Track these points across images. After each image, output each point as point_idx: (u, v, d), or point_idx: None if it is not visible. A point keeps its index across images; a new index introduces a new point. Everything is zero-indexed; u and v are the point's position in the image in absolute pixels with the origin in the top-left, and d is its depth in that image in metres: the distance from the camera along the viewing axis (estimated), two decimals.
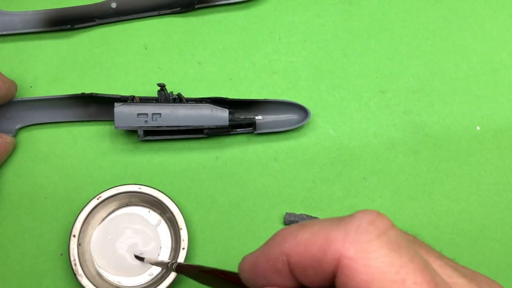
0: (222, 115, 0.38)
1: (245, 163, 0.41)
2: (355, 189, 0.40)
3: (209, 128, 0.39)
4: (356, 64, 0.43)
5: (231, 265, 0.38)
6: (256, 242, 0.39)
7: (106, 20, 0.43)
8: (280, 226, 0.39)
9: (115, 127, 0.38)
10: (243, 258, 0.24)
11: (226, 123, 0.39)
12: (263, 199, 0.40)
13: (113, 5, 0.43)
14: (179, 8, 0.44)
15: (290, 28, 0.44)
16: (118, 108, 0.38)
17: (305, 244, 0.20)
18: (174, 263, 0.32)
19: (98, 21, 0.43)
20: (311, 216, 0.39)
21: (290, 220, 0.39)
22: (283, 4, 0.45)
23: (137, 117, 0.38)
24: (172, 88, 0.42)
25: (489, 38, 0.45)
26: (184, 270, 0.31)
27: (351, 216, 0.20)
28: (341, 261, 0.19)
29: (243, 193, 0.40)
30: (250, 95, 0.42)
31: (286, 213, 0.39)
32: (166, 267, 0.33)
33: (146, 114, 0.38)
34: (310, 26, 0.44)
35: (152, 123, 0.38)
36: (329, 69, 0.43)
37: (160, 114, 0.38)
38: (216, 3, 0.44)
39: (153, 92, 0.42)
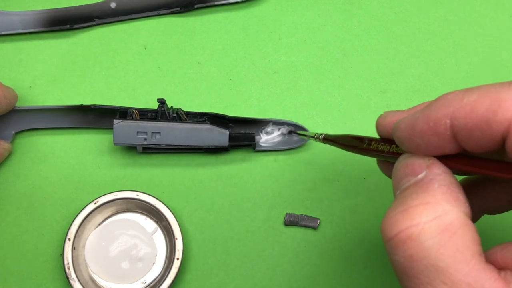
0: (222, 136, 0.38)
1: (245, 164, 0.40)
2: (355, 189, 0.40)
3: (209, 148, 0.39)
4: (356, 64, 0.43)
5: (231, 265, 0.38)
6: (256, 243, 0.38)
7: (105, 20, 0.43)
8: (280, 226, 0.39)
9: (114, 143, 0.38)
10: (400, 120, 0.23)
11: (226, 144, 0.38)
12: (263, 200, 0.40)
13: (113, 5, 0.43)
14: (179, 8, 0.44)
15: (290, 28, 0.44)
16: (118, 125, 0.38)
17: (472, 106, 0.20)
18: (321, 134, 0.33)
19: (97, 21, 0.43)
20: (311, 216, 0.39)
21: (290, 221, 0.39)
22: (283, 4, 0.45)
23: (137, 134, 0.38)
24: (172, 88, 0.42)
25: (490, 38, 0.44)
26: (331, 140, 0.32)
27: None
28: None
29: (243, 194, 0.40)
30: (250, 95, 0.42)
31: (286, 213, 0.39)
32: (316, 139, 0.34)
33: (146, 132, 0.38)
34: (310, 26, 0.44)
35: (151, 141, 0.38)
36: (329, 69, 0.43)
37: (159, 132, 0.38)
38: (216, 3, 0.44)
39: (153, 92, 0.42)
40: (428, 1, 0.45)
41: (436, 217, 0.20)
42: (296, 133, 0.40)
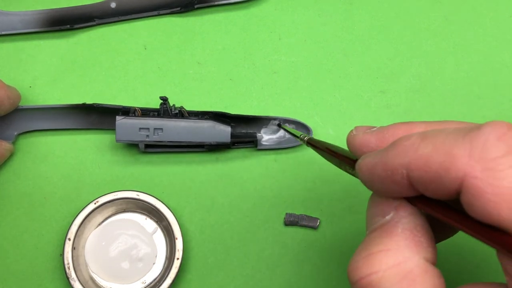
0: (224, 132, 0.38)
1: (245, 164, 0.40)
2: (355, 189, 0.40)
3: (211, 144, 0.39)
4: (356, 64, 0.43)
5: (231, 265, 0.38)
6: (256, 243, 0.38)
7: (105, 20, 0.43)
8: (280, 226, 0.39)
9: (116, 140, 0.38)
10: (362, 158, 0.23)
11: (228, 140, 0.38)
12: (263, 200, 0.40)
13: (113, 5, 0.43)
14: (179, 8, 0.44)
15: (290, 28, 0.44)
16: (120, 122, 0.38)
17: (426, 159, 0.19)
18: (306, 136, 0.33)
19: (97, 21, 0.43)
20: (311, 216, 0.39)
21: (290, 221, 0.39)
22: (283, 4, 0.45)
23: (139, 131, 0.38)
24: (172, 88, 0.42)
25: (490, 38, 0.44)
26: (313, 145, 0.32)
27: (478, 128, 0.18)
28: (465, 180, 0.18)
29: (243, 194, 0.40)
30: (250, 95, 0.42)
31: (286, 213, 0.39)
32: (299, 138, 0.34)
33: (148, 128, 0.38)
34: (310, 26, 0.44)
35: (153, 138, 0.38)
36: (329, 69, 0.43)
37: (162, 129, 0.38)
38: (216, 3, 0.44)
39: (153, 92, 0.42)
40: (428, 1, 0.45)
41: (395, 264, 0.20)
42: (283, 128, 0.40)
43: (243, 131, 0.41)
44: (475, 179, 0.18)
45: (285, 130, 0.39)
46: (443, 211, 0.21)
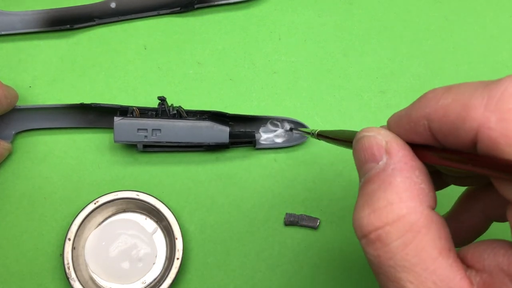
0: (222, 133, 0.38)
1: (244, 164, 0.40)
2: (355, 189, 0.40)
3: (209, 145, 0.39)
4: (356, 64, 0.43)
5: (231, 265, 0.38)
6: (256, 243, 0.38)
7: (105, 20, 0.43)
8: (280, 226, 0.39)
9: (114, 141, 0.38)
10: (390, 117, 0.23)
11: (227, 140, 0.38)
12: (263, 200, 0.40)
13: (113, 5, 0.43)
14: (179, 8, 0.44)
15: (290, 28, 0.44)
16: (118, 122, 0.38)
17: (445, 110, 0.19)
18: (315, 130, 0.33)
19: (97, 21, 0.43)
20: (311, 216, 0.39)
21: (290, 221, 0.39)
22: (283, 4, 0.45)
23: (137, 132, 0.38)
24: (172, 88, 0.42)
25: (490, 38, 0.44)
26: (324, 136, 0.31)
27: (498, 80, 0.18)
28: (480, 130, 0.18)
29: (243, 194, 0.40)
30: (250, 95, 0.42)
31: (286, 213, 0.39)
32: (311, 135, 0.34)
33: (146, 129, 0.38)
34: (310, 26, 0.44)
35: (152, 138, 0.38)
36: (329, 69, 0.43)
37: (160, 129, 0.38)
38: (216, 3, 0.44)
39: (153, 92, 0.42)
40: (428, 1, 0.45)
41: (400, 217, 0.20)
42: (297, 130, 0.40)
43: (241, 131, 0.41)
44: (490, 130, 0.17)
45: (300, 131, 0.39)
46: (452, 155, 0.20)
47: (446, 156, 0.20)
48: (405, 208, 0.20)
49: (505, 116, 0.17)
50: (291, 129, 0.40)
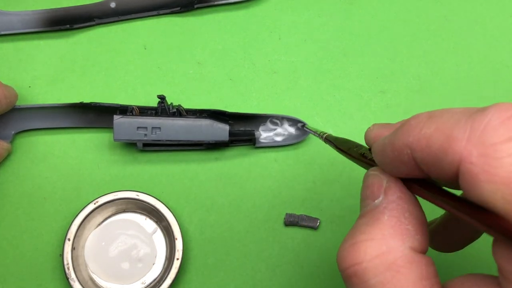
0: (222, 131, 0.38)
1: (244, 164, 0.40)
2: (355, 189, 0.40)
3: (209, 143, 0.39)
4: (356, 64, 0.43)
5: (231, 265, 0.38)
6: (256, 243, 0.38)
7: (105, 20, 0.43)
8: (280, 226, 0.39)
9: (114, 139, 0.38)
10: (375, 144, 0.23)
11: (227, 138, 0.38)
12: (263, 200, 0.40)
13: (112, 5, 0.43)
14: (179, 8, 0.44)
15: (290, 28, 0.44)
16: (118, 121, 0.38)
17: (427, 140, 0.18)
18: (324, 133, 0.33)
19: (97, 21, 0.43)
20: (311, 216, 0.39)
21: (290, 221, 0.38)
22: (283, 4, 0.45)
23: (137, 130, 0.38)
24: (172, 88, 0.42)
25: (490, 38, 0.44)
26: (330, 141, 0.32)
27: (483, 109, 0.17)
28: (461, 164, 0.17)
29: (243, 194, 0.40)
30: (250, 95, 0.42)
31: (286, 213, 0.39)
32: (318, 136, 0.34)
33: (146, 127, 0.38)
34: (310, 26, 0.44)
35: (151, 137, 0.38)
36: (329, 69, 0.43)
37: (159, 128, 0.38)
38: (216, 2, 0.44)
39: (152, 92, 0.42)
40: (428, 1, 0.45)
41: (379, 254, 0.20)
42: (308, 128, 0.39)
43: (241, 129, 0.41)
44: (471, 165, 0.17)
45: (307, 130, 0.39)
46: (438, 195, 0.20)
47: (439, 198, 0.20)
48: (385, 245, 0.20)
49: (487, 151, 0.16)
50: (302, 126, 0.40)
